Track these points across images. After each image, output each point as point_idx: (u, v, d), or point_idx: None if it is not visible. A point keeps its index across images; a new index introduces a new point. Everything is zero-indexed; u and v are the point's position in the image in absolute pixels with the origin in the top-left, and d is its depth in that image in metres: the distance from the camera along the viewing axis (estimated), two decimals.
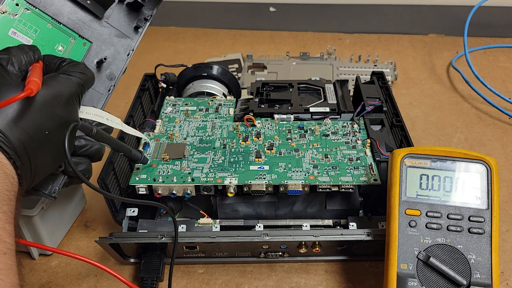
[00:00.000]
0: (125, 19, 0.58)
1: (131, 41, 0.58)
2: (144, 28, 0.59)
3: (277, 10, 1.23)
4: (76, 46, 0.53)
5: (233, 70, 0.95)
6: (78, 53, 0.53)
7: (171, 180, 0.55)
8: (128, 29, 0.58)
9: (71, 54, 0.52)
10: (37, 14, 0.50)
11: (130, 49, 0.57)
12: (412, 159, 0.49)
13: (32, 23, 0.50)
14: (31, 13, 0.50)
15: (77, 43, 0.53)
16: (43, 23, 0.51)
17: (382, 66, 0.93)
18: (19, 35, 0.49)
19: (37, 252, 0.59)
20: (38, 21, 0.50)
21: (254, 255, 0.56)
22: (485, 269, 0.45)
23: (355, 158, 0.58)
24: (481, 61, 0.98)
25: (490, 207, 0.47)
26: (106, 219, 0.64)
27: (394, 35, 1.09)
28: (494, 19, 1.12)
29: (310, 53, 0.97)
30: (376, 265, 0.57)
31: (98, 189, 0.45)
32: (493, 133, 0.78)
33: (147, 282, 0.53)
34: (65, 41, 0.52)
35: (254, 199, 0.56)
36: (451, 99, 0.87)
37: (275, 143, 0.61)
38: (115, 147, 0.51)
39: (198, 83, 0.73)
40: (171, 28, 1.16)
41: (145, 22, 0.59)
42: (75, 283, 0.56)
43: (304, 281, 0.55)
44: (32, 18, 0.50)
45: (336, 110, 0.66)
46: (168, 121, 0.66)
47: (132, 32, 0.58)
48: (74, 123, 0.43)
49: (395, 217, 0.47)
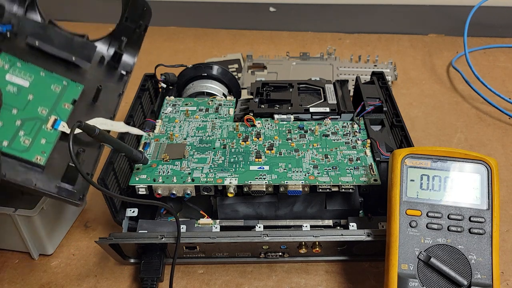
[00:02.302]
0: (108, 69, 0.65)
1: (118, 86, 0.64)
2: (129, 76, 0.67)
3: (277, 10, 1.23)
4: (71, 87, 0.59)
5: (233, 70, 0.95)
6: (74, 93, 0.58)
7: (171, 180, 0.55)
8: (113, 77, 0.65)
9: (68, 93, 0.58)
10: (29, 66, 0.57)
11: (119, 92, 0.62)
12: (413, 159, 0.49)
13: (26, 71, 0.56)
14: (23, 65, 0.56)
15: (70, 85, 0.59)
16: (37, 71, 0.57)
17: (382, 66, 0.93)
18: (16, 78, 0.54)
19: (37, 252, 0.59)
20: (31, 69, 0.57)
21: (254, 256, 0.56)
22: (486, 270, 0.45)
23: (355, 158, 0.58)
24: (481, 61, 0.98)
25: (490, 208, 0.47)
26: (106, 219, 0.64)
27: (394, 35, 1.09)
28: (494, 19, 1.12)
29: (310, 53, 0.97)
30: (377, 265, 0.57)
31: (104, 190, 0.46)
32: (493, 133, 0.78)
33: (147, 283, 0.53)
34: (59, 83, 0.58)
35: (254, 199, 0.56)
36: (451, 99, 0.87)
37: (275, 143, 0.61)
38: (116, 148, 0.51)
39: (198, 83, 0.73)
40: (171, 28, 1.16)
41: (128, 74, 0.67)
42: (75, 283, 0.56)
43: (304, 281, 0.55)
44: (25, 68, 0.56)
45: (336, 110, 0.66)
46: (168, 121, 0.65)
47: (118, 79, 0.66)
48: (77, 123, 0.43)
49: (396, 217, 0.47)
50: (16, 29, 0.59)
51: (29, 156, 0.49)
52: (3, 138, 0.49)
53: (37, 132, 0.52)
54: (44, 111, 0.54)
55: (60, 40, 0.61)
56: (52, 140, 0.52)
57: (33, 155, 0.50)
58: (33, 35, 0.60)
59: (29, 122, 0.52)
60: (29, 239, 0.57)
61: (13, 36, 0.59)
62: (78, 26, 1.16)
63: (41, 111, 0.54)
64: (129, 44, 0.66)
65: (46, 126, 0.53)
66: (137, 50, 0.67)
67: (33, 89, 0.55)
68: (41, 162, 0.50)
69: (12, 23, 0.59)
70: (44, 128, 0.53)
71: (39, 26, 0.61)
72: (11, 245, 0.59)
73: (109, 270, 0.57)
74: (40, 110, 0.54)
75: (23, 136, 0.50)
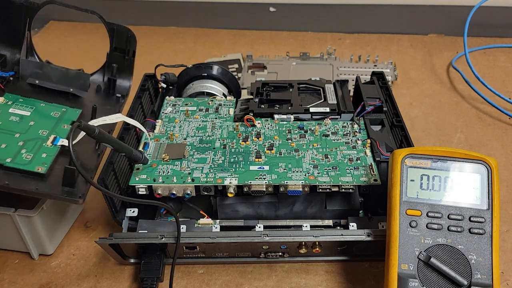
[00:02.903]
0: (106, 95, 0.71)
1: (115, 107, 0.69)
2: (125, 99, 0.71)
3: (277, 10, 1.23)
4: (69, 112, 0.63)
5: (233, 70, 0.95)
6: (72, 116, 0.62)
7: (171, 180, 0.55)
8: (110, 101, 0.70)
9: (67, 116, 0.62)
10: (30, 100, 0.63)
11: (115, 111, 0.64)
12: (413, 159, 0.49)
13: (27, 104, 0.62)
14: (25, 100, 0.62)
15: (69, 111, 0.63)
16: (38, 103, 0.63)
17: (382, 66, 0.93)
18: (18, 110, 0.60)
19: (37, 252, 0.59)
20: (32, 102, 0.62)
21: (254, 256, 0.56)
22: (486, 270, 0.45)
23: (355, 158, 0.58)
24: (481, 61, 0.98)
25: (490, 208, 0.47)
26: (106, 219, 0.64)
27: (394, 35, 1.09)
28: (494, 19, 1.12)
29: (310, 53, 0.97)
30: (376, 265, 0.57)
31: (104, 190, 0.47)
32: (493, 133, 0.78)
33: (147, 283, 0.53)
34: (58, 110, 0.63)
35: (254, 199, 0.56)
36: (451, 99, 0.87)
37: (275, 143, 0.61)
38: (116, 148, 0.51)
39: (198, 83, 0.73)
40: (171, 28, 1.16)
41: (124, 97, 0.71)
42: (75, 283, 0.56)
43: (304, 281, 0.55)
44: (27, 102, 0.62)
45: (336, 110, 0.66)
46: (168, 121, 0.65)
47: (114, 102, 0.70)
48: (77, 123, 0.43)
49: (396, 217, 0.47)
50: (18, 74, 0.67)
51: (31, 167, 0.53)
52: (6, 156, 0.53)
53: (38, 149, 0.56)
54: (45, 132, 0.58)
55: (57, 75, 0.68)
56: (53, 153, 0.55)
57: (34, 166, 0.53)
58: (32, 75, 0.67)
59: (30, 142, 0.56)
60: (29, 239, 0.57)
61: (15, 80, 0.67)
62: (78, 26, 1.16)
63: (42, 132, 0.58)
64: (122, 69, 0.72)
65: (46, 143, 0.57)
66: (131, 74, 0.72)
67: (34, 117, 0.60)
68: (42, 171, 0.53)
69: (14, 70, 0.67)
70: (44, 145, 0.56)
71: (37, 66, 0.68)
72: (11, 245, 0.59)
73: (109, 270, 0.57)
74: (41, 132, 0.58)
75: (25, 153, 0.55)
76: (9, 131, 0.57)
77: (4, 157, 0.53)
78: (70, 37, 1.12)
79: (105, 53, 0.72)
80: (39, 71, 0.68)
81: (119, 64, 0.71)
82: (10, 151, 0.54)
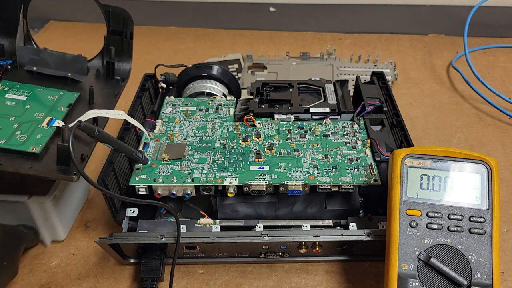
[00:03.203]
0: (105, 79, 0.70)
1: (114, 89, 0.67)
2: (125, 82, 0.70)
3: (277, 10, 1.23)
4: (67, 95, 0.62)
5: (233, 70, 0.95)
6: (70, 99, 0.61)
7: (171, 180, 0.55)
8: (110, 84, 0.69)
9: (64, 99, 0.61)
10: (27, 86, 0.62)
11: (115, 93, 0.64)
12: (413, 159, 0.49)
13: (24, 89, 0.62)
14: (22, 86, 0.62)
15: (67, 94, 0.62)
16: (35, 88, 0.62)
17: (382, 66, 0.93)
18: (13, 96, 0.60)
19: (49, 239, 0.60)
20: (29, 88, 0.62)
21: (254, 256, 0.56)
22: (486, 270, 0.45)
23: (355, 158, 0.58)
24: (481, 61, 0.98)
25: (490, 208, 0.47)
26: (106, 219, 0.64)
27: (394, 35, 1.09)
28: (494, 19, 1.12)
29: (310, 53, 0.97)
30: (376, 265, 0.57)
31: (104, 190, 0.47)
32: (493, 133, 0.78)
33: (147, 283, 0.53)
34: (56, 94, 0.62)
35: (254, 199, 0.56)
36: (451, 99, 0.87)
37: (275, 143, 0.61)
38: (116, 148, 0.51)
39: (198, 83, 0.73)
40: (171, 28, 1.16)
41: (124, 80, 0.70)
42: (75, 283, 0.56)
43: (304, 281, 0.55)
44: (23, 87, 0.62)
45: (336, 110, 0.66)
46: (168, 121, 0.65)
47: (114, 85, 0.68)
48: (77, 123, 0.43)
49: (396, 217, 0.47)
50: (16, 63, 0.67)
51: (25, 148, 0.52)
52: (1, 138, 0.53)
53: (33, 131, 0.55)
54: (40, 115, 0.58)
55: (54, 60, 0.67)
56: (47, 134, 0.55)
57: (29, 147, 0.52)
58: (30, 62, 0.66)
59: (25, 124, 0.55)
60: (42, 225, 0.58)
61: (14, 68, 0.66)
62: (78, 26, 1.16)
63: (37, 115, 0.57)
64: (120, 52, 0.70)
65: (42, 125, 0.56)
66: (130, 57, 0.71)
67: (30, 101, 0.60)
68: (36, 151, 0.52)
69: (13, 59, 0.67)
70: (40, 126, 0.56)
71: (33, 53, 0.67)
72: None
73: (109, 270, 0.57)
74: (37, 115, 0.58)
75: (20, 134, 0.54)
76: (4, 115, 0.56)
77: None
78: (70, 37, 1.12)
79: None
80: (36, 57, 0.67)
81: (117, 46, 0.70)
82: (4, 133, 0.54)
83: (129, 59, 0.71)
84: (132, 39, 0.70)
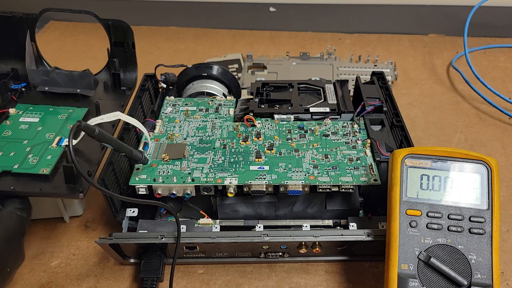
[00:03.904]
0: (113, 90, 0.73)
1: (121, 100, 0.70)
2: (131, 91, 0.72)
3: (277, 10, 1.23)
4: (76, 112, 0.66)
5: (233, 70, 0.95)
6: (78, 115, 0.65)
7: (171, 180, 0.55)
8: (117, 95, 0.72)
9: (73, 117, 0.65)
10: (40, 107, 0.67)
11: (121, 104, 0.67)
12: (413, 159, 0.49)
13: (37, 111, 0.66)
14: (35, 107, 0.67)
15: (76, 111, 0.66)
16: (46, 108, 0.67)
17: (382, 66, 0.93)
18: (27, 118, 0.65)
19: (68, 216, 0.62)
20: (41, 108, 0.67)
21: (254, 256, 0.56)
22: (486, 270, 0.45)
23: (355, 158, 0.58)
24: (481, 61, 0.98)
25: (490, 208, 0.47)
26: (106, 219, 0.64)
27: (394, 35, 1.09)
28: (494, 19, 1.12)
29: (310, 53, 0.97)
30: (376, 265, 0.57)
31: (104, 190, 0.47)
32: (493, 133, 0.78)
33: (147, 283, 0.53)
34: (65, 112, 0.66)
35: (254, 199, 0.56)
36: (451, 99, 0.87)
37: (275, 143, 0.61)
38: (116, 148, 0.51)
39: (198, 83, 0.73)
40: (171, 28, 1.16)
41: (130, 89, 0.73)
42: (75, 283, 0.56)
43: (304, 281, 0.55)
44: (36, 109, 0.67)
45: (336, 110, 0.66)
46: (168, 121, 0.65)
47: (121, 95, 0.71)
48: (77, 123, 0.43)
49: (396, 217, 0.47)
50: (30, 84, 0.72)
51: (36, 170, 0.56)
52: (14, 163, 0.57)
53: (44, 152, 0.59)
54: (51, 135, 0.62)
55: (63, 79, 0.71)
56: (57, 154, 0.58)
57: (39, 169, 0.56)
58: (41, 83, 0.71)
59: (37, 146, 0.60)
60: (60, 202, 0.60)
61: (28, 90, 0.71)
62: (78, 26, 1.16)
63: (48, 136, 0.62)
64: (125, 62, 0.74)
65: (52, 145, 0.60)
66: (135, 65, 0.74)
67: (42, 122, 0.64)
68: (46, 173, 0.55)
69: (26, 81, 0.72)
70: (50, 147, 0.60)
71: (44, 74, 0.72)
72: (43, 213, 0.62)
73: (109, 270, 0.57)
74: (48, 135, 0.62)
75: (32, 157, 0.58)
76: (18, 139, 0.61)
77: (12, 164, 0.57)
78: (70, 37, 1.12)
79: (105, 52, 0.73)
80: (46, 78, 0.71)
81: (121, 57, 0.73)
82: (18, 157, 0.58)
83: (134, 68, 0.74)
84: (134, 48, 0.73)
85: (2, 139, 0.61)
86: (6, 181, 0.55)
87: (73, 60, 1.01)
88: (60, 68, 0.75)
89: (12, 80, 0.71)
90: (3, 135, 0.61)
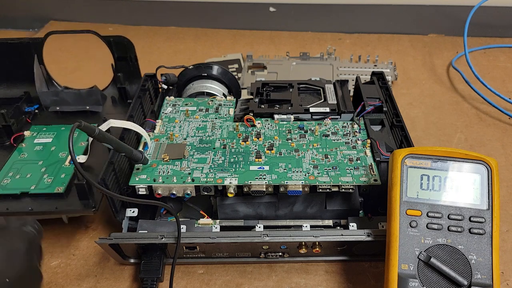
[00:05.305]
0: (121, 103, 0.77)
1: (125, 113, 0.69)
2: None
3: (277, 10, 1.23)
4: None
5: (233, 70, 0.95)
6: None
7: (171, 180, 0.55)
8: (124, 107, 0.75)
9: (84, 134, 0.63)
10: (52, 127, 0.71)
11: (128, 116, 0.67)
12: (413, 159, 0.49)
13: (50, 131, 0.70)
14: (48, 128, 0.71)
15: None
16: (59, 128, 0.71)
17: (382, 66, 0.93)
18: (42, 140, 0.68)
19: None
20: (54, 128, 0.70)
21: (254, 256, 0.56)
22: (486, 270, 0.45)
23: (355, 158, 0.58)
24: (481, 61, 0.98)
25: (490, 208, 0.47)
26: (106, 219, 0.64)
27: (394, 35, 1.09)
28: (494, 19, 1.12)
29: (310, 53, 0.97)
30: (377, 265, 0.57)
31: (104, 190, 0.47)
32: (493, 133, 0.78)
33: (147, 283, 0.53)
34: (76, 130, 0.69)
35: (254, 199, 0.56)
36: (451, 99, 0.87)
37: (275, 143, 0.61)
38: (116, 148, 0.51)
39: (198, 83, 0.73)
40: (171, 28, 1.16)
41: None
42: (75, 283, 0.56)
43: (304, 281, 0.55)
44: (49, 129, 0.70)
45: (336, 110, 0.66)
46: (168, 122, 0.65)
47: (126, 107, 0.73)
48: (77, 123, 0.44)
49: (396, 217, 0.47)
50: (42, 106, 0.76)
51: (51, 190, 0.59)
52: (31, 184, 0.60)
53: (58, 171, 0.62)
54: (64, 154, 0.65)
55: (72, 98, 0.75)
56: (70, 172, 0.61)
57: (54, 188, 0.59)
58: (52, 103, 0.76)
59: (51, 166, 0.63)
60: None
61: (41, 111, 0.75)
62: (78, 26, 1.16)
63: (61, 155, 0.65)
64: (129, 76, 0.77)
65: (65, 164, 0.63)
66: (139, 78, 0.77)
67: (55, 142, 0.68)
68: (61, 191, 0.58)
69: (38, 103, 0.75)
70: (63, 166, 0.63)
71: (54, 95, 0.76)
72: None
73: (109, 270, 0.57)
74: (61, 154, 0.65)
75: (47, 177, 0.61)
76: (33, 160, 0.64)
77: (29, 185, 0.59)
78: (70, 37, 1.12)
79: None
80: (56, 98, 0.75)
81: (125, 71, 0.76)
82: (34, 178, 0.61)
83: (138, 80, 0.77)
84: (137, 61, 0.75)
85: (20, 161, 0.64)
86: (24, 202, 0.57)
87: (73, 60, 1.01)
88: (69, 87, 0.79)
89: (25, 103, 0.75)
90: (20, 157, 0.65)
